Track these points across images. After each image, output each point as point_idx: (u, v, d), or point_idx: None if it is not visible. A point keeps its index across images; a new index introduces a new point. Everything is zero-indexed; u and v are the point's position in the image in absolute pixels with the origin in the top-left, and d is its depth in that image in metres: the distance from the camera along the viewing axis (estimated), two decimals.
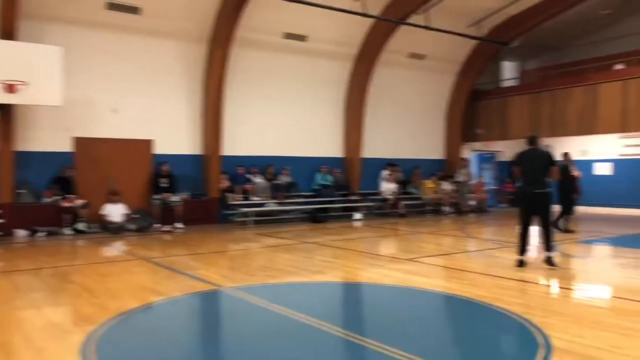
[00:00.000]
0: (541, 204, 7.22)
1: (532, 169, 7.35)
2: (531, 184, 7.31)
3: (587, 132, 15.64)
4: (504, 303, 5.16)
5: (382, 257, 8.35)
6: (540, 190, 7.20)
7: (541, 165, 7.26)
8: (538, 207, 7.24)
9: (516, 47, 18.50)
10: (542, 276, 6.66)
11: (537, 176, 7.25)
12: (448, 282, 6.33)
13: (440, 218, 15.55)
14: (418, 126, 17.89)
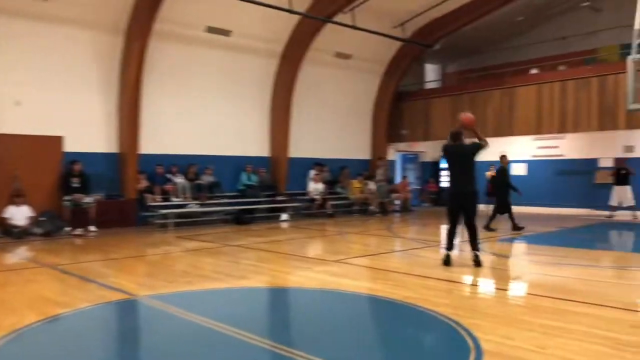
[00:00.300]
0: (467, 202, 7.20)
1: (457, 167, 7.33)
2: (456, 182, 7.30)
3: (505, 133, 16.25)
4: (431, 304, 5.06)
5: (309, 259, 8.11)
6: (465, 191, 7.20)
7: (469, 163, 7.22)
8: (464, 205, 7.22)
9: (438, 50, 18.94)
10: (467, 275, 6.68)
11: (462, 174, 7.22)
12: (375, 283, 6.18)
13: (367, 218, 15.59)
14: (345, 126, 17.88)
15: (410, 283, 6.15)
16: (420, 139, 18.70)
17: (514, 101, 16.05)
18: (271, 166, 15.82)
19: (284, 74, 15.56)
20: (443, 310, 4.84)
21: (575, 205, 17.85)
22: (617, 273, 7.22)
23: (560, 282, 6.35)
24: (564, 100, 14.98)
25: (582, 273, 7.01)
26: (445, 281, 6.30)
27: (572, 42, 18.23)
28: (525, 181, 19.07)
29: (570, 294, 5.57)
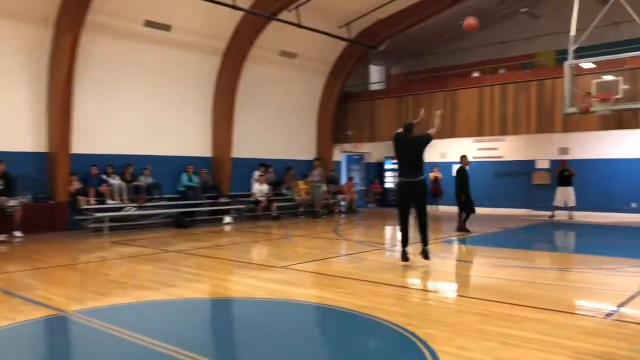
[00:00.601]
0: (416, 194, 7.17)
1: (407, 157, 7.28)
2: (406, 172, 7.24)
3: (448, 135, 16.44)
4: (384, 313, 4.85)
5: (254, 265, 7.75)
6: (414, 179, 7.12)
7: (417, 154, 7.20)
8: (413, 195, 7.19)
9: (383, 51, 18.99)
10: (418, 280, 6.54)
11: (412, 165, 7.19)
12: (326, 291, 5.91)
13: (313, 220, 15.36)
14: (290, 126, 17.57)
15: (362, 290, 5.93)
16: (365, 140, 18.67)
17: (456, 103, 16.27)
18: (213, 167, 15.28)
19: (227, 72, 15.07)
20: (397, 319, 4.64)
21: (514, 205, 18.36)
22: (561, 275, 7.30)
23: (510, 286, 6.31)
24: (504, 103, 15.31)
25: (529, 275, 7.04)
26: (397, 287, 6.12)
27: (511, 46, 18.75)
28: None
29: (522, 298, 5.51)
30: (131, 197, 12.66)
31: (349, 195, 17.80)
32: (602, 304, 5.47)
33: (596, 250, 9.61)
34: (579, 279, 6.98)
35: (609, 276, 7.08)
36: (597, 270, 7.50)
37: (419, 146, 7.22)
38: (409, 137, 7.35)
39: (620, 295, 5.67)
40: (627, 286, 6.24)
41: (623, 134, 15.57)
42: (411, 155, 7.25)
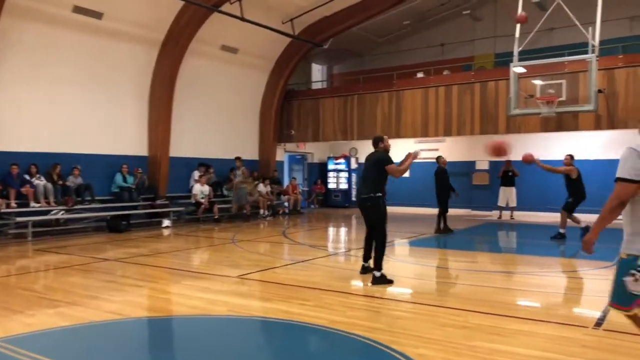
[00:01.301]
0: (366, 211, 6.69)
1: (363, 173, 6.94)
2: (359, 189, 6.88)
3: (393, 135, 16.26)
4: (364, 330, 4.39)
5: (204, 275, 7.06)
6: (364, 196, 6.69)
7: (370, 169, 6.75)
8: (364, 212, 6.76)
9: (325, 50, 18.63)
10: (390, 289, 6.13)
11: (364, 181, 6.81)
12: (290, 304, 5.36)
13: (257, 222, 14.71)
14: (232, 124, 16.82)
15: (331, 302, 5.44)
16: (309, 139, 18.21)
17: (401, 104, 16.16)
18: (150, 166, 14.28)
19: (165, 65, 14.11)
20: (381, 337, 4.19)
21: (455, 206, 18.46)
22: (529, 279, 7.12)
23: (484, 293, 6.03)
24: (449, 104, 15.34)
25: (499, 280, 6.83)
26: (367, 297, 5.68)
27: (451, 49, 18.96)
28: (408, 183, 19.52)
29: (500, 307, 5.23)
30: (58, 200, 11.49)
31: (293, 196, 17.28)
32: (584, 311, 5.28)
33: (555, 252, 9.66)
34: (549, 283, 6.83)
35: (577, 280, 7.01)
36: (563, 274, 7.43)
37: (375, 162, 6.70)
38: (371, 153, 6.93)
39: (598, 302, 5.52)
40: (599, 290, 6.14)
41: (561, 136, 16.03)
42: (366, 170, 6.86)
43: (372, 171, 6.72)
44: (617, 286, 3.10)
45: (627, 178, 2.95)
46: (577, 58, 12.30)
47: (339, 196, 20.48)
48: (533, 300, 5.84)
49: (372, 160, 6.82)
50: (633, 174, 2.94)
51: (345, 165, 20.32)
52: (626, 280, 3.00)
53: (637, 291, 2.98)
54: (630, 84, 12.76)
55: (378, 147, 6.95)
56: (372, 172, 6.72)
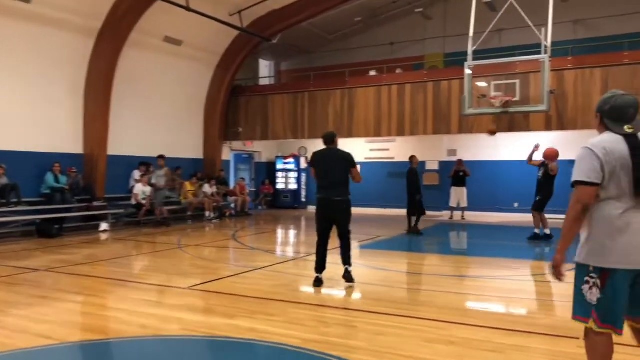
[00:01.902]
0: (338, 212, 6.32)
1: (328, 173, 6.36)
2: (327, 190, 6.32)
3: (345, 134, 15.89)
4: (345, 350, 3.87)
5: (151, 286, 6.31)
6: (337, 198, 6.27)
7: (339, 168, 6.30)
8: (335, 216, 6.35)
9: (273, 46, 18.01)
10: (361, 300, 5.63)
11: (334, 181, 6.30)
12: (255, 320, 4.76)
13: (203, 225, 13.91)
14: (175, 121, 15.87)
15: (302, 317, 4.88)
16: (258, 137, 17.51)
17: (354, 102, 15.78)
18: (86, 165, 13.15)
19: (102, 56, 13.03)
20: (364, 359, 3.68)
21: (405, 206, 18.37)
22: (504, 285, 6.83)
23: (460, 301, 5.67)
24: (402, 103, 15.10)
25: (471, 287, 6.49)
26: (338, 310, 5.17)
27: (401, 48, 18.80)
28: (359, 183, 19.22)
29: (485, 318, 4.87)
30: None
31: (240, 197, 16.53)
32: (568, 319, 4.96)
33: (521, 254, 9.51)
34: (522, 288, 6.56)
35: (548, 283, 6.79)
36: (533, 277, 7.21)
37: (343, 161, 6.30)
38: (330, 150, 6.43)
39: None
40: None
41: (509, 137, 16.18)
42: (333, 169, 6.32)
43: (340, 171, 6.30)
44: (576, 295, 2.86)
45: (586, 181, 2.70)
46: (531, 58, 12.33)
47: (288, 197, 19.90)
48: (513, 308, 5.51)
49: (339, 158, 6.35)
50: (593, 176, 2.70)
51: (295, 165, 19.77)
52: (583, 289, 2.79)
53: (592, 300, 2.75)
54: (579, 85, 12.95)
55: (333, 143, 6.48)
56: (341, 172, 6.31)
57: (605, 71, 12.70)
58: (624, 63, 12.54)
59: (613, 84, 12.60)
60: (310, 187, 20.02)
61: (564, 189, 12.97)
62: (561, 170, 16.02)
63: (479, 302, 5.65)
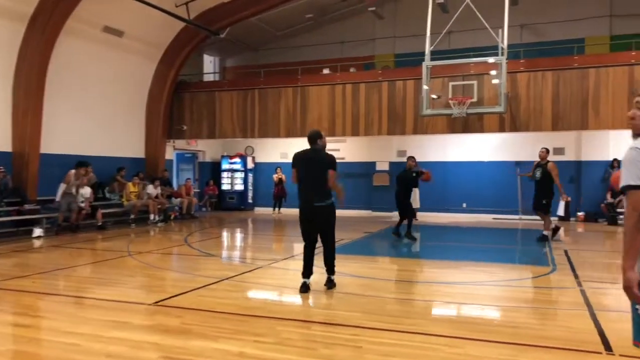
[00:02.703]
0: (321, 219, 5.91)
1: (309, 176, 5.89)
2: (307, 195, 5.86)
3: (298, 134, 15.41)
4: None
5: (112, 303, 5.54)
6: (319, 204, 5.84)
7: (321, 171, 5.85)
8: (317, 222, 5.93)
9: (218, 41, 17.26)
10: (354, 314, 5.16)
11: (314, 185, 5.85)
12: (243, 343, 4.16)
13: (147, 229, 12.98)
14: (116, 117, 14.77)
15: (295, 337, 4.35)
16: (204, 136, 16.66)
17: (307, 101, 15.32)
18: (15, 164, 11.90)
19: (34, 44, 11.83)
20: None
21: (356, 207, 18.18)
22: (492, 291, 6.57)
23: (460, 311, 5.34)
24: (356, 102, 14.80)
25: (461, 294, 6.18)
26: (336, 326, 4.67)
27: (352, 47, 18.55)
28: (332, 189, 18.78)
29: (491, 331, 4.54)
30: None
31: (186, 199, 15.64)
32: (579, 329, 4.74)
33: (493, 257, 9.39)
34: (512, 295, 6.35)
35: (538, 290, 6.61)
36: (513, 283, 7.02)
37: (326, 164, 5.84)
38: (313, 151, 5.96)
39: (580, 316, 5.05)
40: (568, 302, 5.72)
41: (458, 138, 16.30)
42: (314, 174, 5.85)
43: (322, 174, 5.85)
44: (635, 318, 2.58)
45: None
46: (488, 60, 12.36)
47: (234, 198, 19.14)
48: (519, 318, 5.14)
49: (322, 161, 5.91)
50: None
51: (241, 164, 19.04)
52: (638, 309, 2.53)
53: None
54: (531, 88, 13.16)
55: (317, 144, 5.99)
56: (323, 175, 5.85)
57: (556, 74, 12.98)
58: (574, 67, 12.85)
59: (564, 87, 12.92)
60: (258, 188, 19.38)
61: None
62: (501, 169, 16.46)
63: (476, 311, 5.33)
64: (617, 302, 5.62)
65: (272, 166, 18.66)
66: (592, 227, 14.02)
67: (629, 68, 12.37)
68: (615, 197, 14.76)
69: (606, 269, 7.86)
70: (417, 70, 14.32)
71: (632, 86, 12.28)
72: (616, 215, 14.50)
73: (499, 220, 16.11)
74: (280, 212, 17.93)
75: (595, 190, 15.52)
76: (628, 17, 15.42)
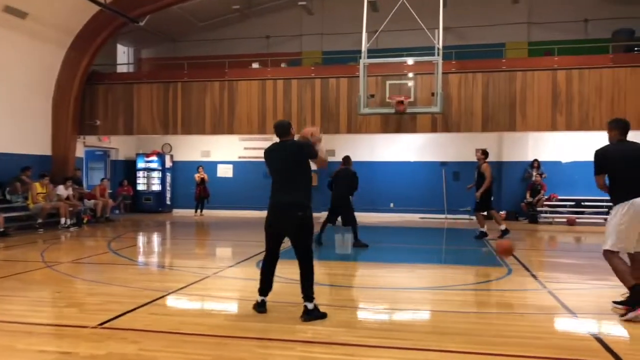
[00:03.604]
0: (292, 224, 4.87)
1: (280, 172, 5.02)
2: (276, 193, 5.01)
3: (225, 131, 14.58)
4: None
5: (39, 328, 4.58)
6: (290, 204, 4.88)
7: (292, 164, 4.97)
8: (287, 228, 4.93)
9: (133, 30, 15.99)
10: (343, 329, 4.63)
11: (287, 182, 4.97)
12: None
13: (58, 234, 11.57)
14: (17, 110, 13.08)
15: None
16: (120, 132, 15.25)
17: (235, 96, 14.50)
18: None
19: None
20: None
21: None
22: (466, 296, 6.30)
23: (455, 322, 4.99)
24: (288, 99, 14.23)
25: (441, 301, 5.87)
26: (328, 345, 4.11)
27: (279, 42, 17.98)
28: (232, 184, 17.98)
29: (505, 345, 4.22)
30: None
31: (102, 200, 14.22)
32: (575, 335, 4.56)
33: (449, 259, 9.21)
34: (501, 301, 6.13)
35: (514, 293, 6.45)
36: (486, 284, 6.84)
37: (295, 154, 4.99)
38: (282, 143, 5.13)
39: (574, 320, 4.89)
40: (542, 306, 5.59)
41: (385, 138, 16.30)
42: (282, 165, 5.01)
43: (295, 168, 4.95)
44: None
45: None
46: (425, 59, 12.35)
47: (151, 199, 17.82)
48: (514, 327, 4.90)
49: (289, 151, 5.01)
50: None
51: (159, 163, 17.77)
52: None
53: None
54: (462, 89, 13.35)
55: (288, 135, 5.17)
56: (296, 168, 4.95)
57: (486, 76, 13.26)
58: (502, 69, 13.21)
59: (493, 89, 13.24)
60: (176, 188, 18.22)
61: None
62: (427, 169, 16.72)
63: (472, 321, 4.99)
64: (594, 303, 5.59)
65: (192, 165, 17.62)
66: (515, 225, 14.49)
67: (552, 72, 12.90)
68: (534, 197, 15.50)
69: (557, 269, 7.98)
70: (350, 68, 14.13)
71: (555, 90, 12.83)
72: (536, 214, 15.19)
73: (426, 219, 16.30)
74: (202, 215, 16.95)
75: (515, 189, 16.17)
76: (545, 25, 16.21)
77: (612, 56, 12.84)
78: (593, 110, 12.66)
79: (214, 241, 12.02)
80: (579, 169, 15.96)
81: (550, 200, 15.57)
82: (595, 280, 6.65)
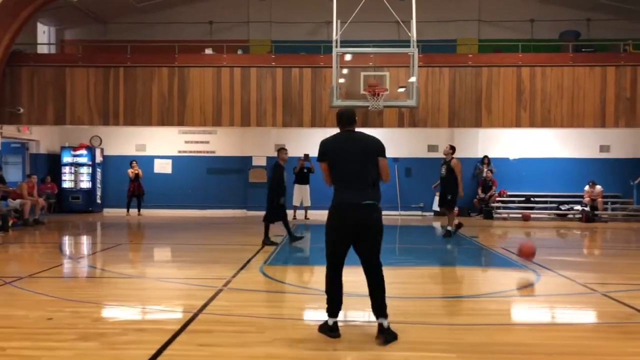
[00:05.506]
0: (369, 225, 4.20)
1: (351, 167, 4.24)
2: (348, 191, 4.22)
3: (176, 123, 13.24)
4: None
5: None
6: (367, 202, 4.18)
7: (368, 161, 4.26)
8: (362, 230, 4.20)
9: (57, 7, 14.13)
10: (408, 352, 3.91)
11: (361, 179, 4.22)
12: None
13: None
14: None
15: None
16: (50, 122, 13.30)
17: (186, 84, 13.18)
18: None
19: None
20: None
21: (229, 206, 16.54)
22: (504, 304, 5.81)
23: (495, 334, 4.46)
24: (246, 89, 13.16)
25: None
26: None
27: (224, 28, 16.76)
28: (171, 180, 16.58)
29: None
30: None
31: (30, 200, 12.30)
32: None
33: (465, 261, 8.73)
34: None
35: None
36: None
37: (373, 151, 4.30)
38: (351, 135, 4.37)
39: None
40: None
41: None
42: (355, 163, 4.25)
43: (369, 164, 4.25)
44: None
45: None
46: (400, 51, 11.92)
47: (79, 198, 15.90)
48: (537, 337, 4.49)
49: (366, 145, 4.30)
50: None
51: (88, 157, 15.90)
52: None
53: None
54: (429, 84, 13.08)
55: (353, 124, 4.43)
56: (370, 165, 4.25)
57: (452, 71, 13.10)
58: (468, 65, 13.10)
59: (460, 85, 13.11)
60: (108, 186, 16.44)
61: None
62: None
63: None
64: None
65: (125, 160, 15.97)
66: (470, 221, 14.47)
67: (516, 69, 13.01)
68: (486, 193, 15.70)
69: (579, 268, 7.81)
70: (313, 58, 13.38)
71: (519, 87, 12.95)
72: (491, 210, 15.37)
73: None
74: (140, 214, 15.38)
75: (466, 186, 16.21)
76: (494, 23, 16.44)
77: (572, 55, 13.18)
78: (555, 107, 12.92)
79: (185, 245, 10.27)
80: (526, 166, 16.44)
81: (501, 196, 15.85)
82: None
